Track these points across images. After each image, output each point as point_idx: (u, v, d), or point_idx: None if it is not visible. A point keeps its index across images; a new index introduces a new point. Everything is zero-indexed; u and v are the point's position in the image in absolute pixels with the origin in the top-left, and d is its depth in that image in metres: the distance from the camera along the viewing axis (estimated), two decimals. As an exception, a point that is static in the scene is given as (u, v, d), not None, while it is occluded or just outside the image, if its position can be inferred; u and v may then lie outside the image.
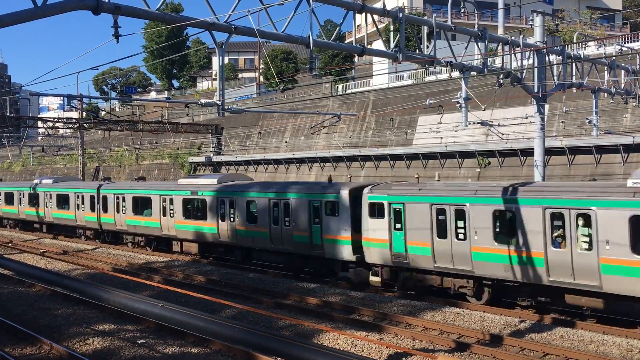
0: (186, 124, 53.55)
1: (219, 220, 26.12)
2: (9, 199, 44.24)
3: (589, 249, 15.29)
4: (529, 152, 27.40)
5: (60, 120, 47.59)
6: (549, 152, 29.94)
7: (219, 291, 20.57)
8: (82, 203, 35.12)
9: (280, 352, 12.46)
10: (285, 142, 48.88)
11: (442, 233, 18.27)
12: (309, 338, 14.45)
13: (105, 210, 33.14)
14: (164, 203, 29.29)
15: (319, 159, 43.87)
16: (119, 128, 47.65)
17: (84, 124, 47.05)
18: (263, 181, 36.90)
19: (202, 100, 16.22)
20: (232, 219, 25.66)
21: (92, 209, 34.14)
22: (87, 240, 35.93)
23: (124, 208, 31.88)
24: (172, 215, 28.87)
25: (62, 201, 37.13)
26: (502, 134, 29.25)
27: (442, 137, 36.33)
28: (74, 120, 47.59)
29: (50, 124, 46.45)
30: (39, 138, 78.96)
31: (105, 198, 33.28)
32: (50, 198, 38.20)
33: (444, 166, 36.85)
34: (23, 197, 41.74)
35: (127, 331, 15.24)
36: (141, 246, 32.07)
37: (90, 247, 33.52)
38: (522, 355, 13.28)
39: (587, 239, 15.39)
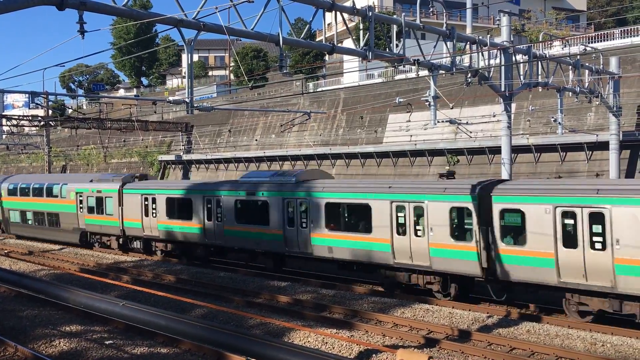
0: (155, 122, 52.92)
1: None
2: (180, 209, 26.00)
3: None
4: (497, 150, 27.83)
5: (25, 118, 46.55)
6: (516, 150, 30.46)
7: (189, 290, 20.41)
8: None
9: (249, 351, 12.41)
10: (256, 140, 48.71)
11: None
12: (280, 336, 14.43)
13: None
14: None
15: (290, 157, 43.83)
16: (86, 126, 46.85)
17: (50, 122, 46.13)
18: None
19: (171, 98, 16.08)
20: None
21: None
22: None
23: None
24: None
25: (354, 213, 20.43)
26: (471, 132, 29.66)
27: (411, 135, 36.66)
28: (39, 118, 46.62)
29: (15, 122, 45.40)
30: (3, 136, 77.12)
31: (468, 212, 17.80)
32: (306, 209, 21.31)
33: (414, 164, 37.18)
34: (220, 205, 24.23)
35: (94, 332, 15.01)
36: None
37: (56, 248, 32.90)
38: (490, 350, 13.49)
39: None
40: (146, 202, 27.70)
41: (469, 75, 20.01)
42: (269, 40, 15.06)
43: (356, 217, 20.22)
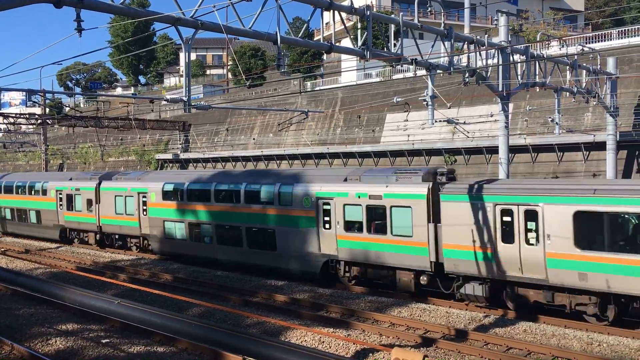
0: (153, 120, 52.85)
1: None
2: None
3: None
4: (494, 150, 27.84)
5: (22, 116, 46.45)
6: (513, 150, 30.46)
7: (186, 289, 20.39)
8: None
9: (246, 349, 12.40)
10: (254, 139, 48.66)
11: None
12: (277, 335, 14.43)
13: None
14: None
15: (287, 157, 43.78)
16: (83, 124, 46.78)
17: (47, 120, 46.04)
18: None
19: (168, 96, 16.05)
20: None
21: None
22: None
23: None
24: None
25: None
26: (468, 132, 29.68)
27: (409, 135, 36.66)
28: (36, 116, 46.52)
29: (12, 120, 45.30)
30: (0, 134, 77.04)
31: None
32: None
33: (411, 164, 37.18)
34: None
35: (90, 331, 14.99)
36: None
37: (53, 246, 32.83)
38: (487, 350, 13.50)
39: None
40: (507, 218, 16.24)
41: (467, 75, 19.99)
42: (266, 39, 15.03)
43: None
